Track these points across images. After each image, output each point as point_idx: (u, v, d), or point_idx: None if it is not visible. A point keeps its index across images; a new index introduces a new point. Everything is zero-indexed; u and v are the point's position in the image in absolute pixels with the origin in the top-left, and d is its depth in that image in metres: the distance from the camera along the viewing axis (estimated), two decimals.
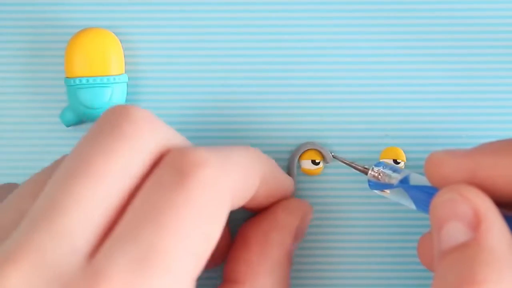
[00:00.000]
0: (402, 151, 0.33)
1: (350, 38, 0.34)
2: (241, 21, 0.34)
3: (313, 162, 0.33)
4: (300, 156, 0.33)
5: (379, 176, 0.31)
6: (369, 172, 0.31)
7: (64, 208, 0.23)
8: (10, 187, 0.31)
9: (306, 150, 0.33)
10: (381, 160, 0.33)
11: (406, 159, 0.33)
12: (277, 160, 0.33)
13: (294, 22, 0.34)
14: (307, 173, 0.33)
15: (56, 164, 0.27)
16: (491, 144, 0.26)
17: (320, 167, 0.33)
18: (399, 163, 0.33)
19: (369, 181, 0.31)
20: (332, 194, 0.34)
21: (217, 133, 0.34)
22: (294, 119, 0.34)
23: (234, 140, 0.34)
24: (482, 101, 0.33)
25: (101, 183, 0.23)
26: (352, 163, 0.32)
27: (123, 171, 0.24)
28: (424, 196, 0.28)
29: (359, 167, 0.32)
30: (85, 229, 0.23)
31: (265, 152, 0.33)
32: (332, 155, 0.33)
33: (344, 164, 0.33)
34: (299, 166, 0.33)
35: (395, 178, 0.30)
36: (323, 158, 0.33)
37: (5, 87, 0.34)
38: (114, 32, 0.33)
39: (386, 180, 0.30)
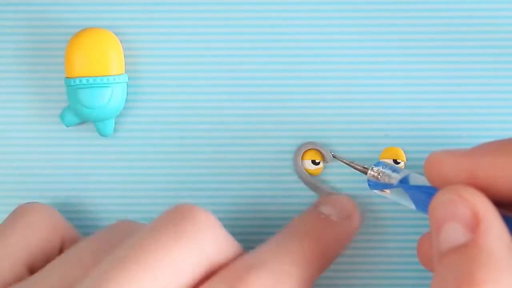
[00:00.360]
0: (402, 151, 0.33)
1: (350, 38, 0.34)
2: (241, 21, 0.34)
3: (313, 162, 0.33)
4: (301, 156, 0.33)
5: (379, 176, 0.31)
6: (369, 171, 0.31)
7: None
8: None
9: (306, 150, 0.33)
10: (380, 160, 0.33)
11: (406, 159, 0.33)
12: (278, 160, 0.33)
13: (294, 22, 0.34)
14: (308, 173, 0.33)
15: (114, 229, 0.28)
16: (490, 144, 0.26)
17: (320, 167, 0.33)
18: (399, 163, 0.33)
19: (368, 181, 0.31)
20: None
21: (217, 133, 0.34)
22: (294, 119, 0.34)
23: (234, 140, 0.34)
24: (482, 101, 0.33)
25: (150, 277, 0.23)
26: (352, 162, 0.32)
27: (176, 269, 0.24)
28: (423, 196, 0.28)
29: (359, 167, 0.32)
30: None
31: (265, 152, 0.33)
32: (332, 155, 0.33)
33: (344, 164, 0.33)
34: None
35: (395, 178, 0.30)
36: (323, 158, 0.33)
37: (5, 87, 0.34)
38: (114, 32, 0.33)
39: (386, 180, 0.30)
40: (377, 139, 0.33)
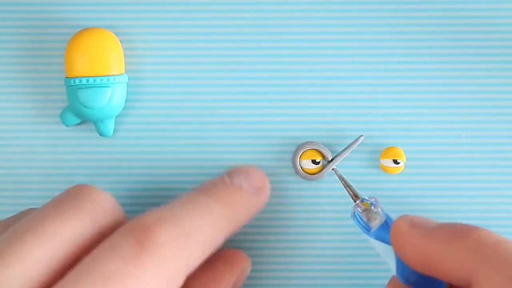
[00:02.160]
0: (402, 151, 0.33)
1: (350, 38, 0.34)
2: (241, 21, 0.34)
3: (313, 162, 0.33)
4: (300, 156, 0.33)
5: (363, 213, 0.31)
6: (357, 203, 0.31)
7: (6, 260, 0.24)
8: None
9: (306, 150, 0.33)
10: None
11: (406, 159, 0.33)
12: (277, 160, 0.33)
13: (294, 23, 0.34)
14: (307, 173, 0.33)
15: (20, 216, 0.29)
16: (444, 228, 0.27)
17: (320, 167, 0.33)
18: (399, 163, 0.33)
19: (354, 212, 0.31)
20: (332, 194, 0.34)
21: (216, 133, 0.34)
22: (294, 119, 0.34)
23: (233, 140, 0.34)
24: (481, 101, 0.33)
25: (47, 244, 0.25)
26: (347, 185, 0.32)
27: (73, 237, 0.25)
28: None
29: (351, 192, 0.32)
30: (22, 284, 0.24)
31: (265, 152, 0.33)
32: (333, 169, 0.33)
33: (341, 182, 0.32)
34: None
35: (379, 219, 0.30)
36: (323, 158, 0.33)
37: (5, 87, 0.34)
38: (114, 32, 0.33)
39: (369, 219, 0.30)
40: (377, 139, 0.33)
